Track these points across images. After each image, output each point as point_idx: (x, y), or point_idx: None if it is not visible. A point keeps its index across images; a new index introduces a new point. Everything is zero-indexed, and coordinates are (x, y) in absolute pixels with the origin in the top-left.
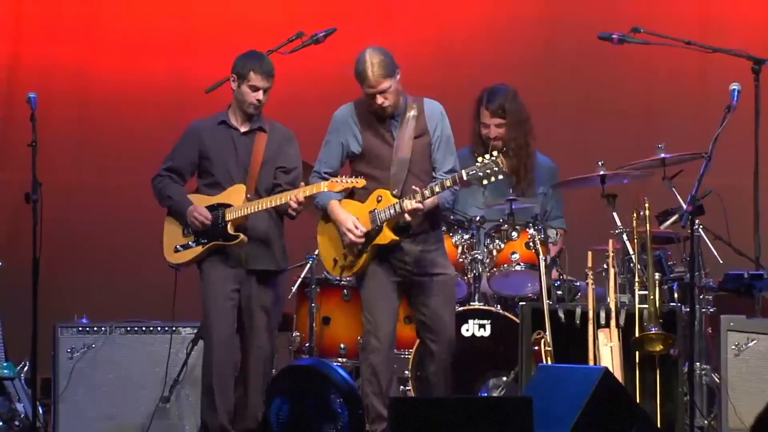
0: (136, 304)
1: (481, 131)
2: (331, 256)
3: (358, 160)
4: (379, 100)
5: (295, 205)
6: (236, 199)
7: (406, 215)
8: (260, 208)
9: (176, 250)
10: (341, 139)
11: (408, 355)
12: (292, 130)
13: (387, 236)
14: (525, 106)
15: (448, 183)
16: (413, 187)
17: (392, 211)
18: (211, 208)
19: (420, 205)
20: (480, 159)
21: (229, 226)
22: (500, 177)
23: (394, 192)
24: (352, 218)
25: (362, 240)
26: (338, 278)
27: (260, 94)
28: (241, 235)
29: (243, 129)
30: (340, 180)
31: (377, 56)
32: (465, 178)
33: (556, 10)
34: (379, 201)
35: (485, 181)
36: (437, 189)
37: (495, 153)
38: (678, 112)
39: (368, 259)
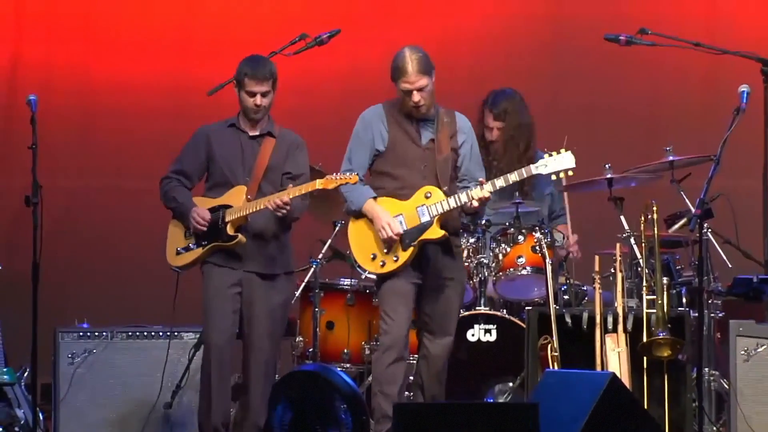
0: (138, 308)
1: (484, 133)
2: (368, 252)
3: (382, 158)
4: (416, 97)
5: (279, 204)
6: (237, 200)
7: (474, 202)
8: (258, 208)
9: (178, 253)
10: (369, 135)
11: (413, 360)
12: (303, 138)
13: (438, 231)
14: (529, 111)
15: (513, 177)
16: (480, 180)
17: (445, 206)
18: (212, 209)
19: (488, 194)
20: (547, 154)
21: (228, 226)
22: (570, 173)
23: (444, 189)
24: (387, 216)
25: (396, 237)
26: (372, 273)
27: (258, 99)
28: (239, 236)
29: (252, 133)
30: (335, 177)
31: (417, 53)
32: (534, 172)
33: (561, 11)
34: (428, 197)
35: (554, 177)
36: (513, 178)
37: (563, 150)
38: (686, 115)
39: (413, 254)
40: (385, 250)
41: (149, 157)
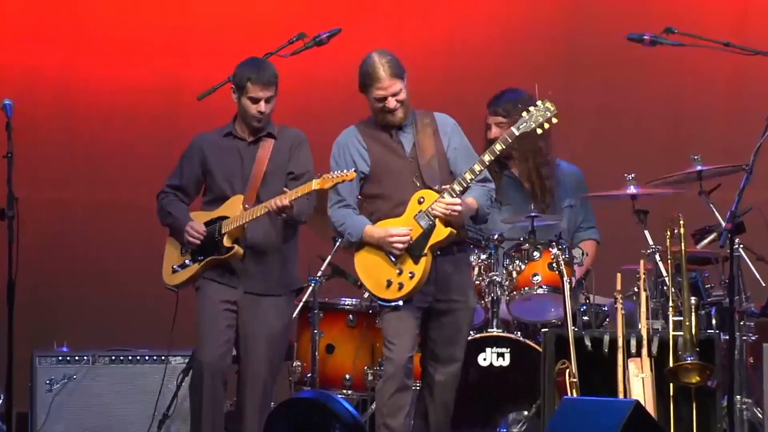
0: (123, 330)
1: (487, 136)
2: (382, 280)
3: (369, 180)
4: (392, 103)
5: (280, 207)
6: (233, 211)
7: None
8: (255, 216)
9: (174, 271)
10: (348, 159)
11: (417, 386)
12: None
13: (443, 231)
14: None
15: (498, 147)
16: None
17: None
18: (209, 222)
19: (449, 203)
20: (525, 112)
21: (225, 238)
22: (554, 120)
23: (435, 188)
24: (389, 227)
25: (409, 240)
26: (394, 301)
27: (262, 105)
28: (236, 247)
29: (250, 139)
30: (331, 175)
31: (386, 56)
32: (517, 133)
33: (579, 9)
34: (421, 202)
35: (540, 130)
36: (498, 147)
37: (540, 101)
38: (715, 121)
39: (428, 264)
40: (400, 271)
41: (138, 166)
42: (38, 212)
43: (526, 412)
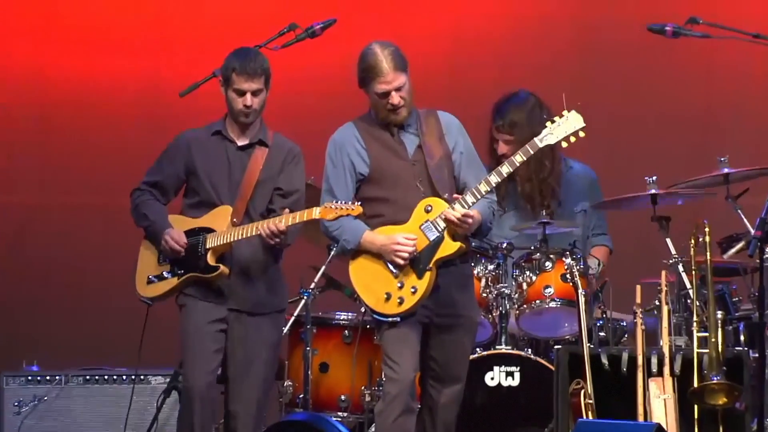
0: (98, 348)
1: (493, 146)
2: (380, 292)
3: (368, 182)
4: (395, 98)
5: (274, 231)
6: (220, 224)
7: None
8: (246, 235)
9: (149, 282)
10: (346, 159)
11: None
12: (299, 146)
13: (451, 245)
14: (549, 114)
15: (518, 159)
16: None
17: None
18: (191, 232)
19: (459, 215)
20: (549, 122)
21: (209, 254)
22: (582, 134)
23: (445, 197)
24: (396, 234)
25: (414, 251)
26: (393, 316)
27: (248, 99)
28: (222, 267)
29: (241, 142)
30: (335, 206)
31: (389, 47)
32: (541, 145)
33: (594, 2)
34: (428, 210)
35: (565, 143)
36: (518, 159)
37: (566, 111)
38: (744, 120)
39: (432, 280)
40: (401, 284)
41: (117, 170)
42: (6, 218)
43: None
